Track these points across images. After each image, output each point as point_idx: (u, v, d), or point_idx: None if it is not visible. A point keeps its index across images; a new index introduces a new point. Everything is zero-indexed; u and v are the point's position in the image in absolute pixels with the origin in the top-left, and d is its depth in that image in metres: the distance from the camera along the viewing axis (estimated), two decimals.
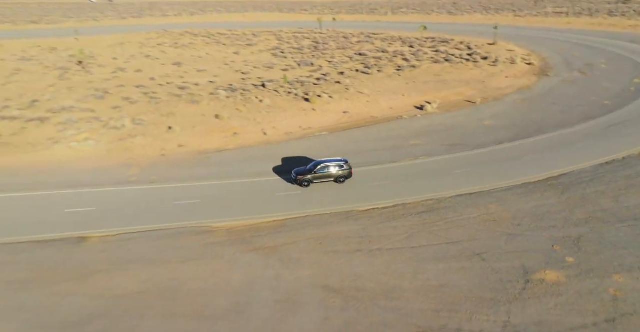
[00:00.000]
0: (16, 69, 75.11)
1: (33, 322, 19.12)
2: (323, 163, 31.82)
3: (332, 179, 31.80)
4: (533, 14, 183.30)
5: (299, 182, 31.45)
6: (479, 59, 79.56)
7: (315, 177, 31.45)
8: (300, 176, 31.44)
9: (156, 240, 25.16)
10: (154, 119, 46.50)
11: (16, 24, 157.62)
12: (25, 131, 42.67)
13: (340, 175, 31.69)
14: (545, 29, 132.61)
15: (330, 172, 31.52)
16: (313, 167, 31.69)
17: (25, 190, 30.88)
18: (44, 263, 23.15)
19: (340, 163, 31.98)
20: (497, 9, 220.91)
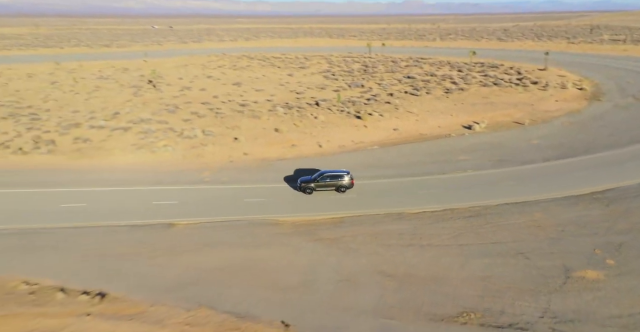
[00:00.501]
0: (96, 86, 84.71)
1: (136, 284, 23.37)
2: (326, 173, 34.85)
3: (334, 188, 34.67)
4: (588, 41, 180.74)
5: (302, 189, 34.48)
6: (528, 83, 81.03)
7: (318, 186, 34.39)
8: (304, 183, 34.55)
9: (232, 228, 29.26)
10: (221, 131, 51.95)
11: (91, 47, 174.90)
12: (112, 138, 49.18)
13: (340, 185, 34.44)
14: (599, 55, 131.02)
15: (331, 182, 34.40)
16: (317, 177, 34.70)
17: (119, 185, 36.29)
18: (140, 242, 27.74)
19: (342, 174, 34.74)
20: (549, 35, 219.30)
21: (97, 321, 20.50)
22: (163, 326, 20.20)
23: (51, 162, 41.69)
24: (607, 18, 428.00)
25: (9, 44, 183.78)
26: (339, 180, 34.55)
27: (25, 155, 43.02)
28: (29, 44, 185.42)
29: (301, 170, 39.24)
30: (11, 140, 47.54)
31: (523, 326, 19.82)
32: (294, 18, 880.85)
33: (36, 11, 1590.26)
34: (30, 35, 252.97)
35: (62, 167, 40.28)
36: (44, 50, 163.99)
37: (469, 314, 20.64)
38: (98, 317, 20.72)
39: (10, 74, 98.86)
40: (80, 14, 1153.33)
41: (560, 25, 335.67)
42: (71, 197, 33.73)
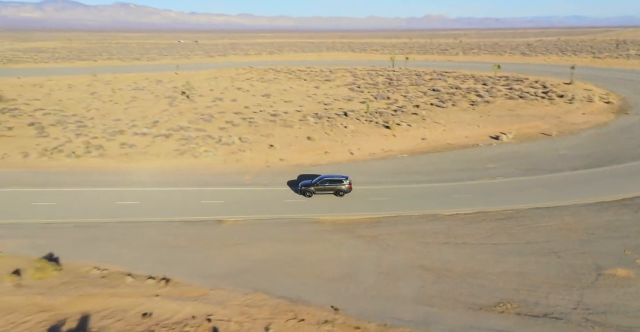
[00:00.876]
0: (133, 96, 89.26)
1: (195, 272, 25.69)
2: (325, 178, 36.86)
3: (332, 192, 36.57)
4: (613, 56, 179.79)
5: (302, 192, 36.54)
6: (554, 96, 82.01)
7: (317, 189, 36.35)
8: (304, 187, 36.58)
9: (276, 226, 31.50)
10: (256, 138, 54.74)
11: (123, 60, 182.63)
12: (155, 144, 52.45)
13: (339, 189, 36.34)
14: (626, 70, 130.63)
15: (330, 186, 36.32)
16: (317, 181, 36.67)
17: (167, 186, 39.11)
18: (194, 236, 30.20)
19: (341, 179, 36.70)
20: (574, 50, 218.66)
21: (165, 301, 22.82)
22: (224, 306, 22.38)
23: (102, 165, 44.96)
24: (633, 33, 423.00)
25: (46, 57, 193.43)
26: (337, 184, 36.51)
27: (78, 159, 46.44)
28: (64, 57, 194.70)
29: (304, 175, 41.23)
30: (63, 145, 51.24)
31: (557, 316, 21.29)
32: (315, 33, 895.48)
33: (66, 26, 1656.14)
34: (64, 48, 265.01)
35: (113, 170, 43.46)
36: (79, 62, 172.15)
37: (506, 304, 22.22)
38: (166, 298, 23.05)
39: (52, 85, 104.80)
40: (108, 29, 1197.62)
41: (585, 40, 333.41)
42: (125, 196, 36.59)
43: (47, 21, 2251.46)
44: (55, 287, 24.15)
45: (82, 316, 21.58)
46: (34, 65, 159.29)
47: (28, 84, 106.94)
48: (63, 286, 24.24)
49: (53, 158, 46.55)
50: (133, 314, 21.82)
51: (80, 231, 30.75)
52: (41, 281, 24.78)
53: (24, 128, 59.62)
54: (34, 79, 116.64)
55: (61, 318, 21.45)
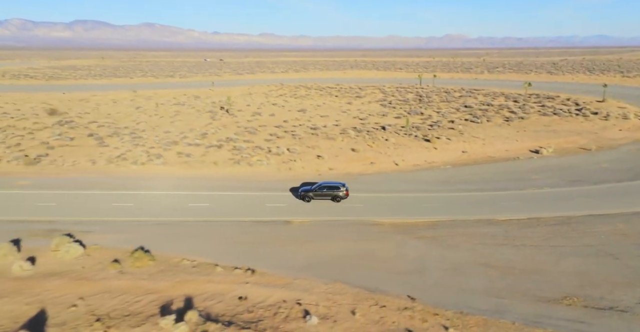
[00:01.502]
0: (176, 111, 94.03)
1: (274, 265, 28.17)
2: (323, 184, 39.10)
3: (330, 198, 38.77)
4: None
5: (302, 197, 38.84)
6: (588, 113, 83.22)
7: (316, 195, 38.63)
8: (304, 192, 38.85)
9: (340, 226, 33.96)
10: (303, 149, 57.72)
11: (157, 77, 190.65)
12: (209, 153, 55.93)
13: (336, 195, 38.52)
14: None
15: (327, 192, 38.56)
16: (316, 187, 38.96)
17: (232, 190, 42.12)
18: (266, 234, 32.85)
19: (338, 186, 38.86)
20: (601, 69, 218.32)
21: (256, 287, 25.32)
22: (310, 293, 24.74)
23: (166, 171, 48.43)
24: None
25: (84, 74, 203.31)
26: (334, 191, 38.71)
27: (143, 166, 50.08)
28: (101, 74, 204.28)
29: (306, 183, 43.29)
30: (125, 153, 55.12)
31: (623, 309, 22.96)
32: (336, 51, 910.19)
33: (94, 45, 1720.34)
34: (98, 66, 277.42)
35: (177, 175, 46.83)
36: (115, 79, 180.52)
37: (572, 298, 23.99)
38: (255, 285, 25.56)
39: (97, 100, 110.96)
40: (134, 48, 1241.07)
41: (612, 59, 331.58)
42: (195, 198, 39.67)
43: (76, 40, 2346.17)
44: (154, 274, 26.96)
45: (186, 298, 24.21)
46: (75, 82, 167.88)
47: (74, 99, 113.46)
48: (161, 273, 27.03)
49: (120, 165, 50.30)
50: (230, 297, 24.36)
51: (161, 228, 33.75)
52: (140, 268, 27.64)
53: (85, 138, 64.08)
54: (78, 94, 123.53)
55: (168, 299, 24.12)
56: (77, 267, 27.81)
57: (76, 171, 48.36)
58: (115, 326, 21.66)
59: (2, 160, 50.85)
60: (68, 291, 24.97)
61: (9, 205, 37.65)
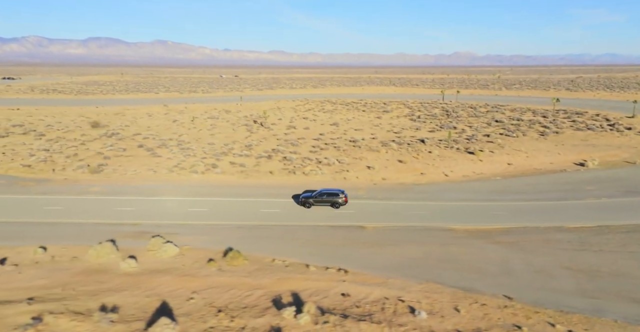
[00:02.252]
0: (212, 124, 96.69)
1: (363, 265, 29.45)
2: (323, 191, 40.71)
3: (329, 204, 40.28)
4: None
5: (302, 203, 40.44)
6: (622, 128, 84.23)
7: (316, 201, 40.23)
8: (304, 198, 40.43)
9: (414, 232, 35.25)
10: (351, 161, 59.39)
11: (181, 93, 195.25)
12: (261, 164, 57.79)
13: (335, 201, 40.12)
14: None
15: (327, 199, 40.16)
16: (316, 194, 40.62)
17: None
18: (344, 237, 34.23)
19: (337, 193, 40.51)
20: (620, 86, 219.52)
21: (354, 285, 26.59)
22: (408, 291, 25.96)
23: (226, 180, 50.27)
24: None
25: (109, 89, 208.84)
26: (334, 197, 40.30)
27: (202, 175, 52.01)
28: (126, 90, 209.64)
29: (308, 190, 44.16)
30: (181, 163, 57.15)
31: None
32: (346, 68, 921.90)
33: (108, 62, 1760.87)
34: (119, 82, 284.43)
35: (239, 184, 48.64)
36: (141, 94, 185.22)
37: None
38: (353, 283, 26.84)
39: (132, 114, 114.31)
40: (147, 64, 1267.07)
41: (628, 77, 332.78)
42: (265, 205, 41.30)
43: (90, 57, 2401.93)
44: (252, 272, 28.37)
45: (292, 293, 25.53)
46: (102, 96, 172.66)
47: (109, 112, 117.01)
48: (258, 272, 28.44)
49: (180, 174, 52.27)
50: (333, 293, 25.62)
51: (242, 231, 35.31)
52: (236, 267, 29.09)
53: (136, 149, 66.44)
54: (111, 108, 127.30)
55: (275, 294, 25.45)
56: (177, 265, 29.36)
57: (140, 179, 50.37)
58: (239, 316, 23.00)
59: (67, 169, 53.09)
60: (179, 286, 26.46)
61: (92, 209, 39.53)
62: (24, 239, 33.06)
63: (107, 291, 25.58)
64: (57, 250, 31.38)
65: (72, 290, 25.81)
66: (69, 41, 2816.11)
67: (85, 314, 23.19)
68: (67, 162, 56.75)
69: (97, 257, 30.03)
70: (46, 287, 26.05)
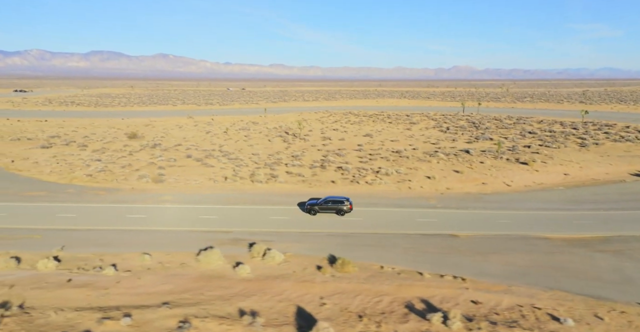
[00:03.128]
0: (245, 135, 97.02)
1: (475, 273, 29.26)
2: (328, 199, 41.10)
3: (334, 211, 40.61)
4: None
5: (308, 211, 40.80)
6: None
7: (321, 208, 40.65)
8: (309, 206, 40.78)
9: (510, 240, 35.10)
10: (406, 170, 59.45)
11: (198, 105, 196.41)
12: (318, 174, 57.81)
13: (340, 209, 40.40)
14: None
15: (332, 206, 40.49)
16: (322, 201, 40.97)
17: (371, 206, 43.67)
18: (440, 245, 34.05)
19: (342, 200, 40.87)
20: (633, 99, 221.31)
21: (479, 293, 26.40)
22: (538, 299, 25.72)
23: (291, 189, 50.26)
24: None
25: (125, 102, 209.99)
26: (339, 205, 40.61)
27: (267, 184, 52.05)
28: (141, 102, 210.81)
29: (313, 198, 43.79)
30: (237, 173, 57.21)
31: None
32: (348, 82, 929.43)
33: (110, 75, 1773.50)
34: (132, 95, 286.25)
35: (306, 193, 48.56)
36: (160, 106, 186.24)
37: None
38: (477, 291, 26.66)
39: (161, 125, 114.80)
40: (149, 78, 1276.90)
41: (636, 90, 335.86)
42: (350, 213, 41.22)
43: (92, 70, 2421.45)
44: (367, 278, 28.17)
45: (421, 300, 25.37)
46: (121, 108, 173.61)
47: (138, 124, 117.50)
48: (373, 278, 28.24)
49: (243, 183, 52.29)
50: (462, 300, 25.41)
51: (334, 239, 35.15)
52: (348, 273, 28.88)
53: (185, 160, 66.57)
54: (138, 120, 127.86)
55: (404, 300, 25.24)
56: (288, 272, 29.19)
57: (205, 188, 50.37)
58: (384, 322, 22.81)
59: (129, 179, 53.10)
60: (304, 291, 26.28)
61: (176, 217, 39.46)
62: (121, 246, 32.99)
63: (236, 296, 25.45)
64: (161, 256, 31.28)
65: (201, 295, 25.68)
66: (70, 54, 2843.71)
67: (229, 318, 23.04)
68: (125, 172, 56.78)
69: (208, 263, 29.93)
70: (173, 292, 25.92)
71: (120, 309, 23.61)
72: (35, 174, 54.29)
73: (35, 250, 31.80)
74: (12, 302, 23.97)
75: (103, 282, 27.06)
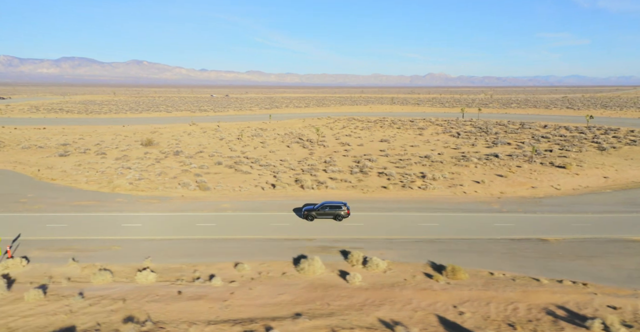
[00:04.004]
0: (260, 142, 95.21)
1: (588, 277, 28.78)
2: (325, 204, 40.03)
3: (332, 217, 39.59)
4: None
5: (305, 217, 39.58)
6: None
7: (318, 214, 39.56)
8: (306, 211, 39.71)
9: (601, 244, 34.88)
10: (451, 175, 59.10)
11: (192, 112, 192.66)
12: (363, 179, 56.85)
13: (337, 214, 39.41)
14: None
15: (330, 211, 39.38)
16: (318, 207, 39.95)
17: (440, 212, 42.97)
18: (536, 249, 33.47)
19: (340, 205, 39.81)
20: (618, 105, 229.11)
21: (610, 297, 25.84)
22: None
23: (345, 195, 49.06)
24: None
25: (116, 109, 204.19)
26: (336, 210, 39.50)
27: (319, 190, 50.73)
28: (132, 109, 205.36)
29: (308, 204, 43.82)
30: (278, 180, 55.68)
31: None
32: (329, 89, 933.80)
33: (81, 82, 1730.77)
34: (117, 101, 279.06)
35: (361, 198, 47.51)
36: (153, 113, 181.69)
37: None
38: (606, 295, 26.08)
39: (168, 132, 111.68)
40: (122, 84, 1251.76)
41: (611, 96, 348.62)
42: (421, 219, 40.39)
43: (63, 77, 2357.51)
44: (484, 285, 27.25)
45: (558, 306, 24.61)
46: (115, 115, 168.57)
47: (142, 131, 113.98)
48: (489, 285, 27.33)
49: (294, 189, 50.83)
50: (599, 306, 24.76)
51: (425, 245, 34.20)
52: (461, 280, 27.96)
53: (217, 167, 64.57)
54: (141, 127, 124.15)
55: (540, 307, 24.50)
56: (399, 280, 28.09)
57: (256, 195, 48.69)
58: (539, 330, 21.97)
59: (171, 187, 50.90)
60: (432, 300, 25.22)
61: (249, 225, 37.75)
62: (210, 256, 31.25)
63: (366, 306, 24.34)
64: (256, 266, 29.77)
65: (328, 305, 24.37)
66: (40, 61, 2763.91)
67: (377, 329, 21.76)
68: (164, 180, 54.47)
69: (313, 272, 28.55)
70: (296, 302, 24.56)
71: (256, 322, 22.12)
72: (72, 183, 51.44)
73: (120, 262, 29.72)
74: (137, 317, 22.17)
75: (216, 293, 25.42)
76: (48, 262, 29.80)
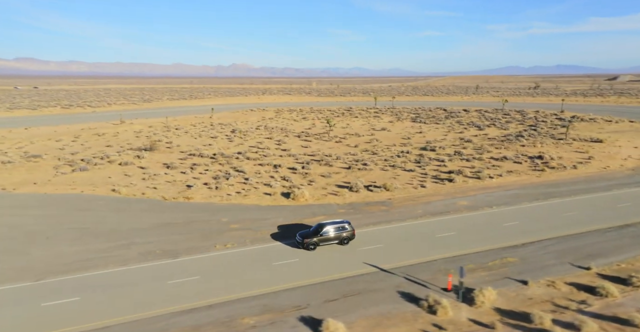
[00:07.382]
0: (257, 142, 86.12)
1: None
2: (325, 225, 32.78)
3: (336, 242, 33.00)
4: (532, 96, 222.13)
5: (303, 245, 32.29)
6: None
7: (321, 240, 32.49)
8: (306, 239, 32.35)
9: None
10: (485, 167, 61.93)
11: (137, 103, 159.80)
12: (396, 179, 54.94)
13: (343, 237, 32.89)
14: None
15: (331, 236, 32.64)
16: (313, 229, 33.05)
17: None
18: None
19: (343, 225, 33.11)
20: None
21: None
22: None
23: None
24: (461, 80, 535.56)
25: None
26: (341, 232, 33.10)
27: (357, 193, 48.47)
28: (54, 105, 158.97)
29: (302, 229, 36.77)
30: (313, 181, 53.96)
31: None
32: (120, 78, 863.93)
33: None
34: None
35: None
36: (77, 109, 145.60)
37: None
38: None
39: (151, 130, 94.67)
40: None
41: (444, 85, 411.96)
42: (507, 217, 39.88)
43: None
44: None
45: None
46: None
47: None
48: None
49: (337, 193, 48.55)
50: None
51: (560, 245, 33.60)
52: None
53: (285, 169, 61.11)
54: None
55: None
56: None
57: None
58: None
59: (250, 195, 47.53)
60: None
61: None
62: None
63: None
64: None
65: None
66: None
67: None
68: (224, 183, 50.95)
69: None
70: None
71: None
72: (208, 199, 45.03)
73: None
74: None
75: None
76: None
